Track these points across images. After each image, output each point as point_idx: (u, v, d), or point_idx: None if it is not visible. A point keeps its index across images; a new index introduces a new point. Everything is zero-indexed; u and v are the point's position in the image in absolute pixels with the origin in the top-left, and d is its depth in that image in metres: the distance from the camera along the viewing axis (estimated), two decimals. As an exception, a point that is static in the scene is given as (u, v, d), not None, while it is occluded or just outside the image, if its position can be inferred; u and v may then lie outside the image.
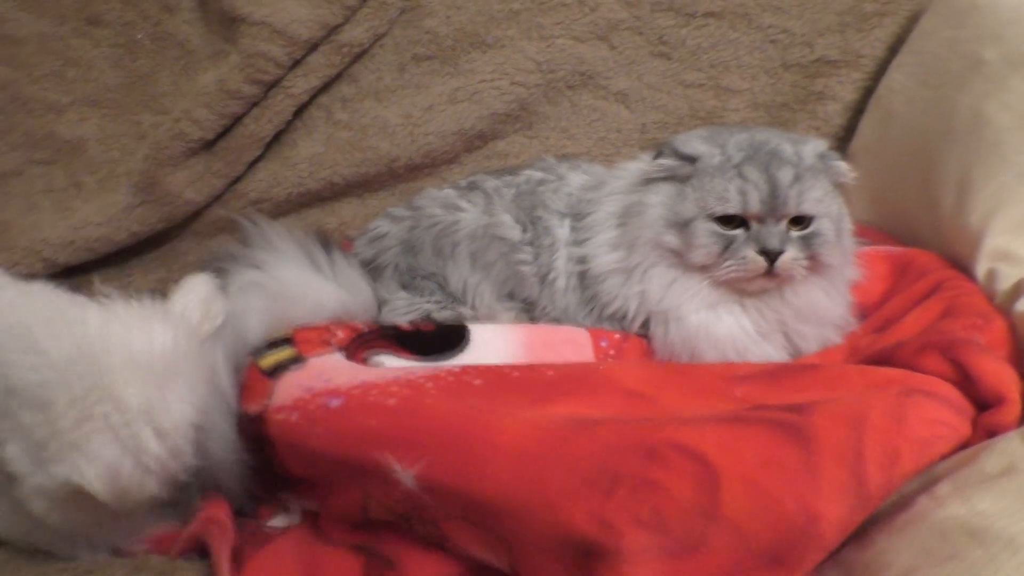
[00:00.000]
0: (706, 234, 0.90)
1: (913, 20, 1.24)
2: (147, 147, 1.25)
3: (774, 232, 0.89)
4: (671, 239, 0.91)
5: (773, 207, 0.88)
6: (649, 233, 0.92)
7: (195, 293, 0.85)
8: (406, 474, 0.73)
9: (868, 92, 1.28)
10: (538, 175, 1.06)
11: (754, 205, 0.88)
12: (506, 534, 0.71)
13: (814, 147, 0.93)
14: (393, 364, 0.88)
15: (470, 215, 1.03)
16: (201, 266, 0.98)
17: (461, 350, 0.91)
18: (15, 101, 1.28)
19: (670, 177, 0.93)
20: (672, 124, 1.30)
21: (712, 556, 0.65)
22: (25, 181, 1.26)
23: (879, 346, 0.91)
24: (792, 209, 0.89)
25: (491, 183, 1.06)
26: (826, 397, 0.74)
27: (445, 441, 0.73)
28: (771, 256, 0.88)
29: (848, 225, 0.96)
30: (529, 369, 0.84)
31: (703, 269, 0.91)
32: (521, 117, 1.31)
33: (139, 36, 1.28)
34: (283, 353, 0.86)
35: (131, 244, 1.25)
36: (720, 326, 0.92)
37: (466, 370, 0.83)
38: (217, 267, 0.96)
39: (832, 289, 0.95)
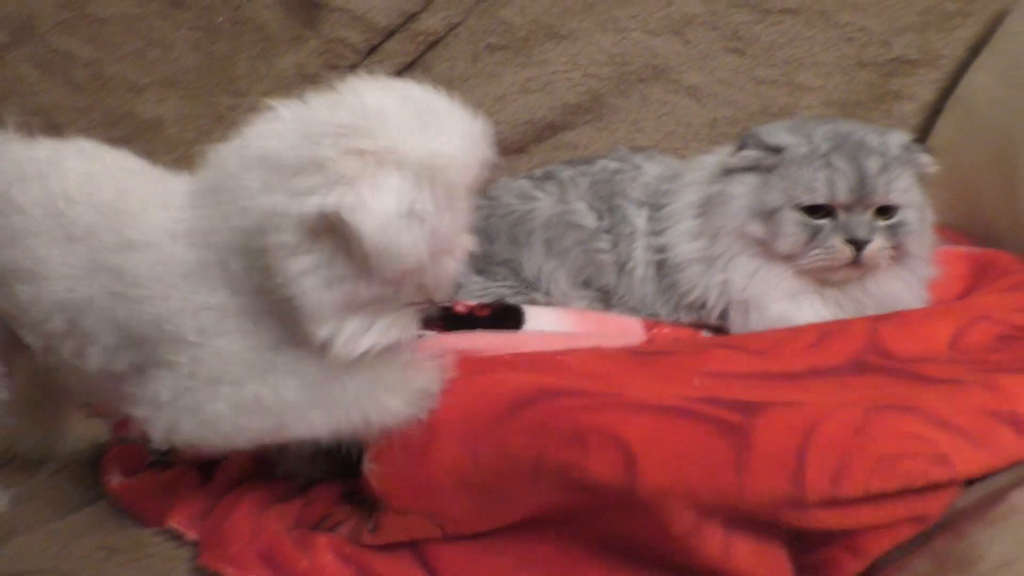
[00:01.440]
0: (792, 223, 0.89)
1: (997, 20, 1.23)
2: (223, 129, 1.27)
3: (862, 221, 0.88)
4: (756, 228, 0.91)
5: (861, 196, 0.88)
6: (733, 223, 0.92)
7: None
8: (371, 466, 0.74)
9: (946, 92, 1.26)
10: (613, 164, 1.06)
11: (842, 194, 0.88)
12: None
13: (899, 138, 0.93)
14: None
15: (544, 203, 1.03)
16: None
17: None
18: (97, 80, 1.31)
19: (753, 167, 0.93)
20: (743, 120, 1.29)
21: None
22: (103, 159, 1.28)
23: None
24: (880, 198, 0.88)
25: (566, 172, 1.06)
26: (785, 399, 0.71)
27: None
28: (858, 245, 0.88)
29: (930, 216, 0.95)
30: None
31: (787, 259, 0.91)
32: (592, 109, 1.31)
33: (219, 20, 1.31)
34: None
35: (205, 224, 1.27)
36: (800, 316, 0.91)
37: None
38: None
39: (913, 281, 0.94)
